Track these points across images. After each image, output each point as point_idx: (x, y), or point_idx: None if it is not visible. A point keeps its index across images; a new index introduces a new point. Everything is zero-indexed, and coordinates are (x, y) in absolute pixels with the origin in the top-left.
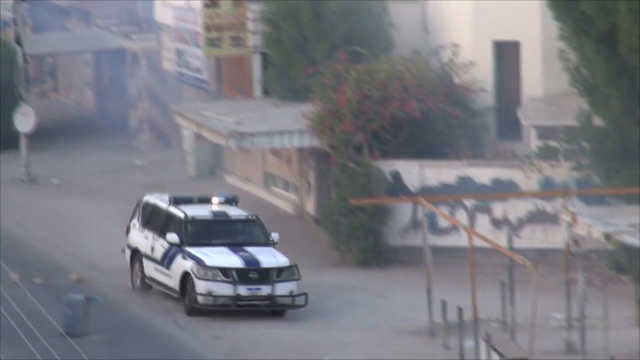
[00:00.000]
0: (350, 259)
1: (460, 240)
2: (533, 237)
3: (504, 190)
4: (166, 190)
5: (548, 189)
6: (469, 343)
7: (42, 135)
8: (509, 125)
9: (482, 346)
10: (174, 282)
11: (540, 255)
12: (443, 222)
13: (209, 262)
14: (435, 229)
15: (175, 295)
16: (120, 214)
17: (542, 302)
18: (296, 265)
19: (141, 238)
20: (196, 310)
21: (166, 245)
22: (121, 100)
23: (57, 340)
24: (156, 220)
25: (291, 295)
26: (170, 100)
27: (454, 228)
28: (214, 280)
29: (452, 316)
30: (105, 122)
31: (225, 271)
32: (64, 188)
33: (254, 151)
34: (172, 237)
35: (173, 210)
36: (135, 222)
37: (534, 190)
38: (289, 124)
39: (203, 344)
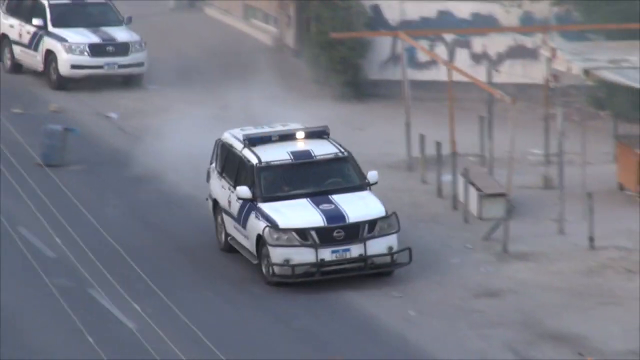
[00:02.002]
0: (330, 92)
1: (439, 74)
2: (512, 72)
3: (484, 24)
4: (145, 22)
5: (528, 24)
6: (446, 177)
7: None
8: None
9: (460, 181)
10: (250, 245)
11: (519, 91)
12: (422, 56)
13: (282, 222)
14: (414, 63)
15: (254, 261)
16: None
17: (520, 138)
18: (395, 214)
19: (219, 188)
20: (275, 282)
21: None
22: None
23: (35, 170)
24: (231, 167)
25: (390, 253)
26: None
27: (433, 62)
28: (290, 245)
29: (431, 150)
30: None
31: (303, 233)
32: None
33: None
34: (242, 190)
35: (246, 153)
36: (214, 167)
37: (514, 25)
38: None
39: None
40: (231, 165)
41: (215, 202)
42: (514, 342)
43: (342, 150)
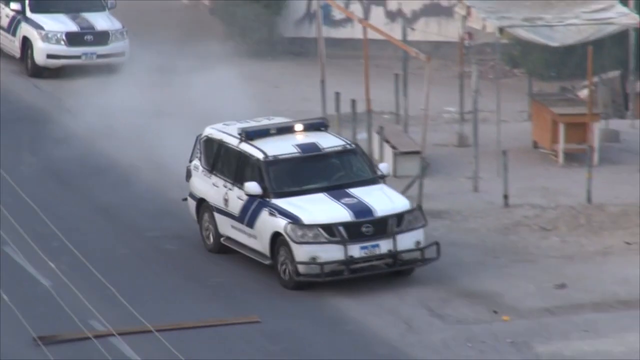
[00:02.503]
0: (245, 49)
1: (354, 32)
2: (427, 30)
3: None
4: None
5: None
6: (361, 135)
7: None
8: None
9: (375, 138)
10: (262, 245)
11: (434, 48)
12: (338, 14)
13: (306, 218)
14: (330, 20)
15: (266, 261)
16: None
17: (435, 95)
18: (420, 207)
19: (208, 186)
20: (300, 283)
21: (244, 197)
22: None
23: None
24: (227, 163)
25: (419, 248)
26: None
27: (348, 20)
28: (317, 242)
29: (346, 108)
30: None
31: (330, 228)
32: None
33: None
34: (252, 186)
35: (246, 148)
36: (197, 165)
37: None
38: None
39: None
40: (226, 161)
41: (200, 202)
42: (429, 299)
43: (349, 142)
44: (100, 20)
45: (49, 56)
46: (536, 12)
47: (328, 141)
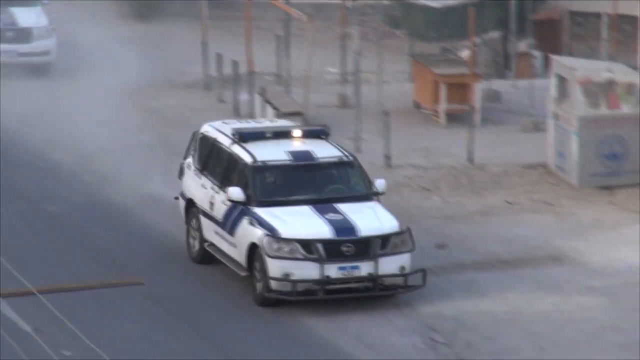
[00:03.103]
0: (126, 11)
1: None
2: None
3: None
4: None
5: None
6: (243, 96)
7: None
8: None
9: (257, 99)
10: (239, 254)
11: (316, 10)
12: None
13: (284, 231)
14: None
15: (242, 273)
16: None
17: (317, 57)
18: (409, 230)
19: (197, 187)
20: (270, 300)
21: (228, 202)
22: None
23: None
24: (217, 164)
25: (402, 274)
26: None
27: None
28: (292, 258)
29: (227, 69)
30: None
31: (307, 245)
32: None
33: None
34: (235, 192)
35: (237, 150)
36: (190, 163)
37: None
38: None
39: None
40: (216, 162)
41: (189, 203)
42: None
43: (347, 153)
44: (25, 17)
45: None
46: None
47: (324, 151)
